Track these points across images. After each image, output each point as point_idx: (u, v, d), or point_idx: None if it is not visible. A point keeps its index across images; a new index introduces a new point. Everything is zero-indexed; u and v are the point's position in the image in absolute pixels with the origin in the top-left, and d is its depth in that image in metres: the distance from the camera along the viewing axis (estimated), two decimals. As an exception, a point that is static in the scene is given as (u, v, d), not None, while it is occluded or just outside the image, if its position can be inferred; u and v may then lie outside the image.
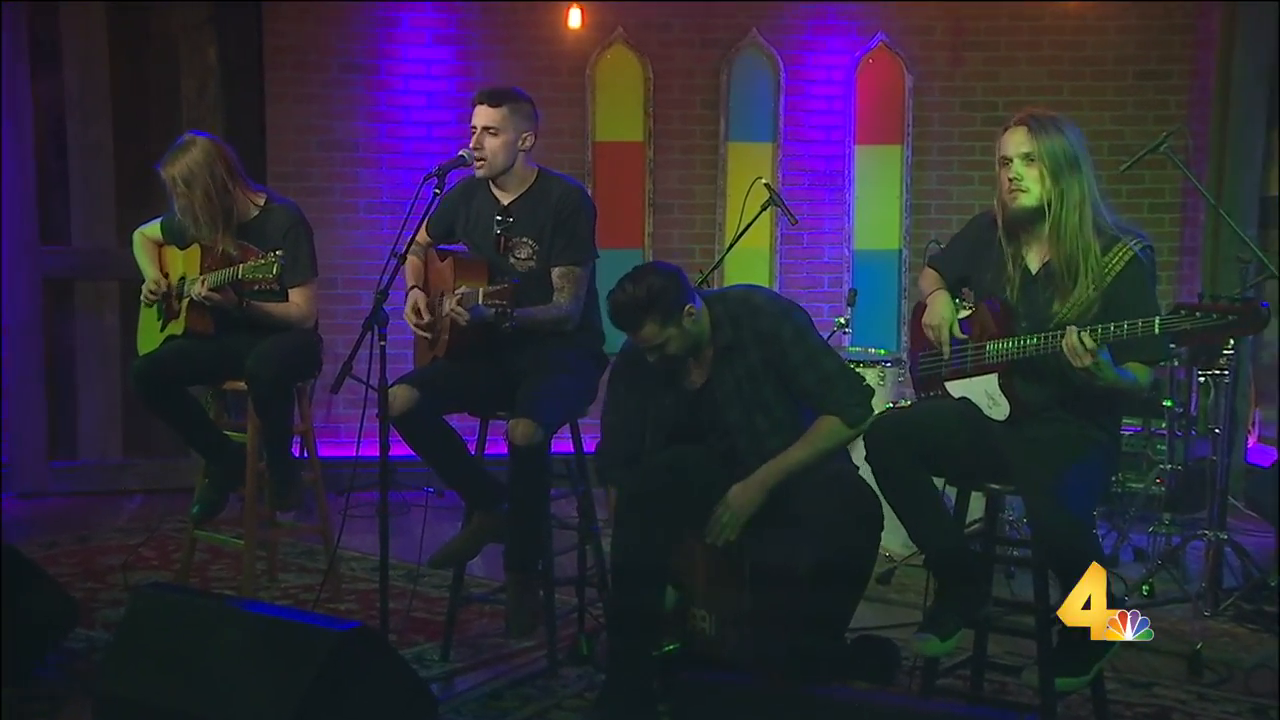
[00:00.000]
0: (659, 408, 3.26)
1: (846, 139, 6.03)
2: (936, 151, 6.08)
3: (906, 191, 6.04)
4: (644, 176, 5.98)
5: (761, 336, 3.12)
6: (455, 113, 5.81)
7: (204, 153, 3.86)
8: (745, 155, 5.99)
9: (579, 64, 5.92)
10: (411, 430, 3.44)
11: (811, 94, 6.03)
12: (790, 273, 6.08)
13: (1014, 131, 2.96)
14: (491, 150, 3.54)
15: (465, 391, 3.58)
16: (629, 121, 5.98)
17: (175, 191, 3.86)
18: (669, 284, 3.06)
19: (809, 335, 3.14)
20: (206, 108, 5.61)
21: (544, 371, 3.50)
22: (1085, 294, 2.91)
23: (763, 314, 3.14)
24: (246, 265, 3.72)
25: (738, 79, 5.98)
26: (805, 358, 3.11)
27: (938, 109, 6.06)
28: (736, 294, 3.22)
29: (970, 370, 3.10)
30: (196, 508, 4.08)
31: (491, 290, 3.27)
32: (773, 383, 3.13)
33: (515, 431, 3.32)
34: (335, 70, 5.80)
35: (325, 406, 5.65)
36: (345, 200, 5.84)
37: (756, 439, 3.16)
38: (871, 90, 6.01)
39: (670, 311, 3.06)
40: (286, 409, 3.92)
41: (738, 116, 5.99)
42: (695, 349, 3.16)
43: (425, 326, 3.61)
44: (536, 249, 3.59)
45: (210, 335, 3.95)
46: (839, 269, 6.10)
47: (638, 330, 3.07)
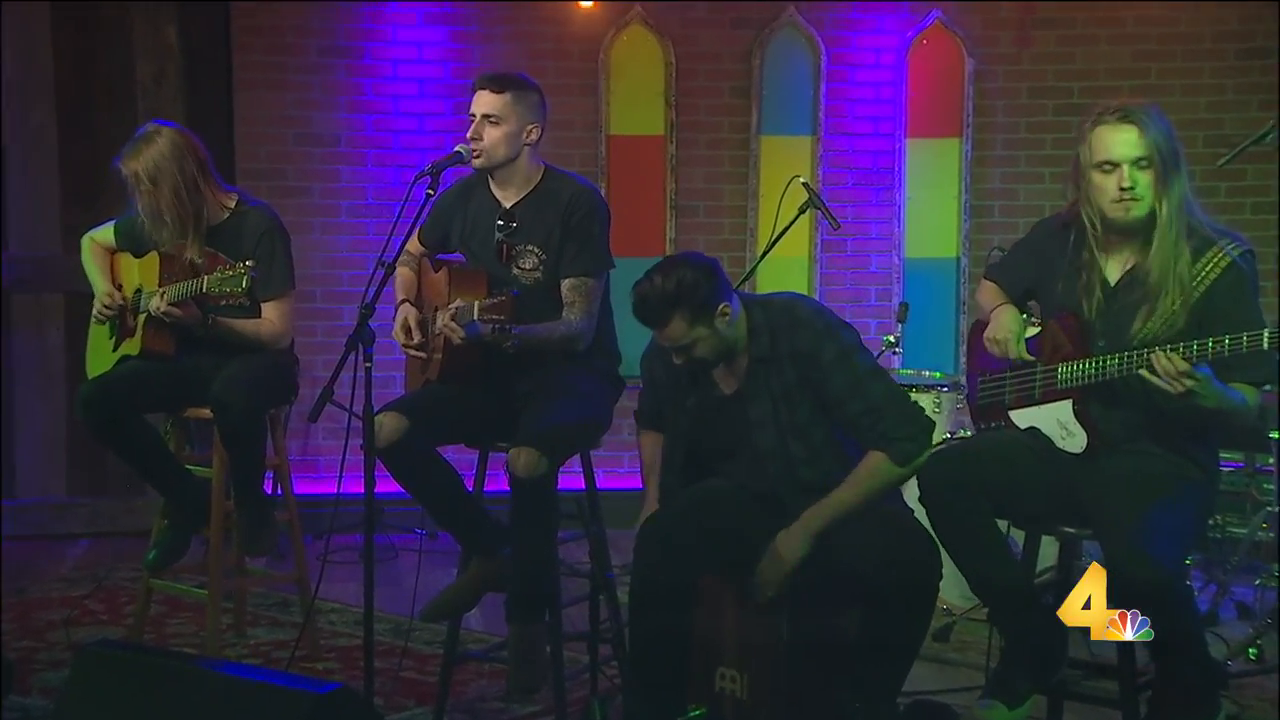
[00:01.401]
0: (680, 410, 3.29)
1: (897, 131, 6.04)
2: (1000, 145, 6.09)
3: (966, 191, 6.04)
4: (665, 175, 6.01)
5: (799, 355, 3.13)
6: (450, 102, 5.85)
7: (172, 145, 3.90)
8: (780, 150, 6.02)
9: (591, 47, 5.95)
10: (400, 463, 3.46)
11: (857, 80, 6.05)
12: (832, 284, 6.09)
13: (1119, 130, 2.94)
14: (491, 141, 3.57)
15: (462, 419, 3.60)
16: (648, 112, 6.01)
17: (138, 189, 3.89)
18: (702, 278, 3.09)
19: (855, 358, 3.14)
20: (165, 96, 5.64)
21: (550, 396, 3.52)
22: (1172, 306, 2.92)
23: (804, 329, 3.15)
24: (212, 276, 3.74)
25: (772, 64, 6.01)
26: (849, 384, 3.11)
27: (1002, 96, 6.08)
28: (780, 302, 3.23)
29: (1039, 397, 3.10)
30: (153, 553, 4.10)
31: (488, 304, 3.30)
32: (810, 405, 3.14)
33: (516, 462, 3.33)
34: (313, 54, 5.85)
35: (302, 437, 5.68)
36: (325, 202, 5.88)
37: (789, 467, 3.17)
38: (926, 75, 6.03)
39: (701, 309, 3.08)
40: (258, 440, 3.94)
41: (772, 106, 6.02)
42: (728, 355, 3.18)
43: (417, 346, 3.63)
44: (544, 258, 3.61)
45: (170, 356, 3.97)
46: (888, 280, 6.11)
47: (663, 326, 3.10)
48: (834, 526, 3.07)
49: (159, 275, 3.93)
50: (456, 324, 3.37)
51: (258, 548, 4.05)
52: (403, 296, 3.74)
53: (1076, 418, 3.02)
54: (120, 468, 4.85)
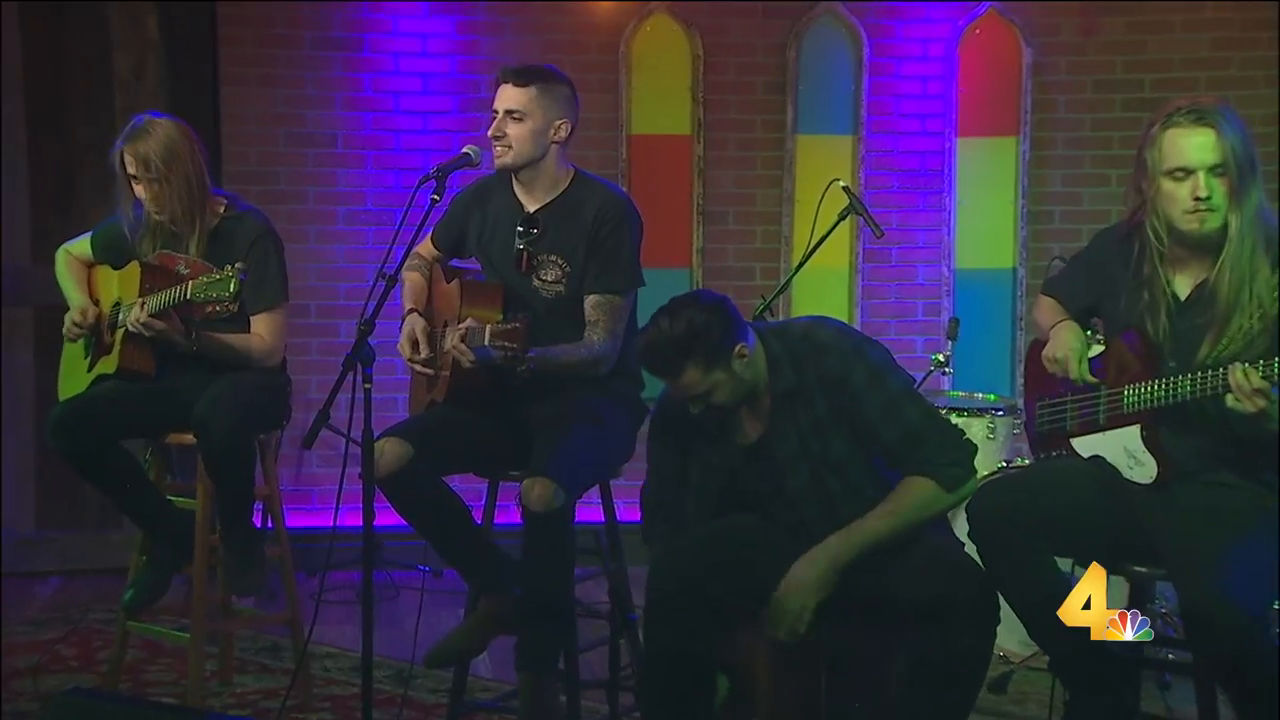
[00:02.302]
0: (703, 470, 3.27)
1: (946, 130, 6.04)
2: (1062, 144, 6.08)
3: (1023, 196, 6.04)
4: (692, 178, 6.02)
5: (828, 381, 3.13)
6: (457, 99, 5.88)
7: (181, 132, 3.95)
8: (818, 151, 6.02)
9: (611, 39, 5.97)
10: (403, 494, 3.47)
11: (902, 74, 6.06)
12: (875, 298, 6.09)
13: (1194, 133, 2.93)
14: (515, 139, 3.59)
15: (470, 446, 3.61)
16: (673, 110, 6.02)
17: (145, 179, 3.92)
18: (714, 318, 3.07)
19: (888, 378, 3.14)
20: (146, 91, 5.64)
21: (568, 422, 3.53)
22: (1248, 323, 2.91)
23: (829, 353, 3.14)
24: (197, 281, 3.74)
25: (809, 56, 6.01)
26: (884, 407, 3.10)
27: (1064, 90, 6.07)
28: (798, 328, 3.23)
29: (1104, 422, 3.09)
30: (130, 592, 4.11)
31: (499, 329, 3.30)
32: (845, 436, 3.14)
33: (530, 494, 3.35)
34: (308, 46, 5.88)
35: (295, 465, 5.69)
36: (321, 208, 5.91)
37: (828, 507, 3.15)
38: (979, 68, 6.03)
39: (716, 353, 3.07)
40: (246, 468, 3.95)
41: (809, 103, 6.02)
42: (749, 397, 3.17)
43: (424, 362, 3.65)
44: (567, 270, 3.62)
45: (150, 375, 3.99)
46: (936, 293, 6.10)
47: (677, 377, 3.09)
48: (865, 558, 3.04)
49: (140, 287, 3.94)
50: (467, 346, 3.38)
51: (245, 586, 4.06)
52: (411, 305, 3.76)
53: (1145, 445, 3.01)
54: (95, 499, 4.89)
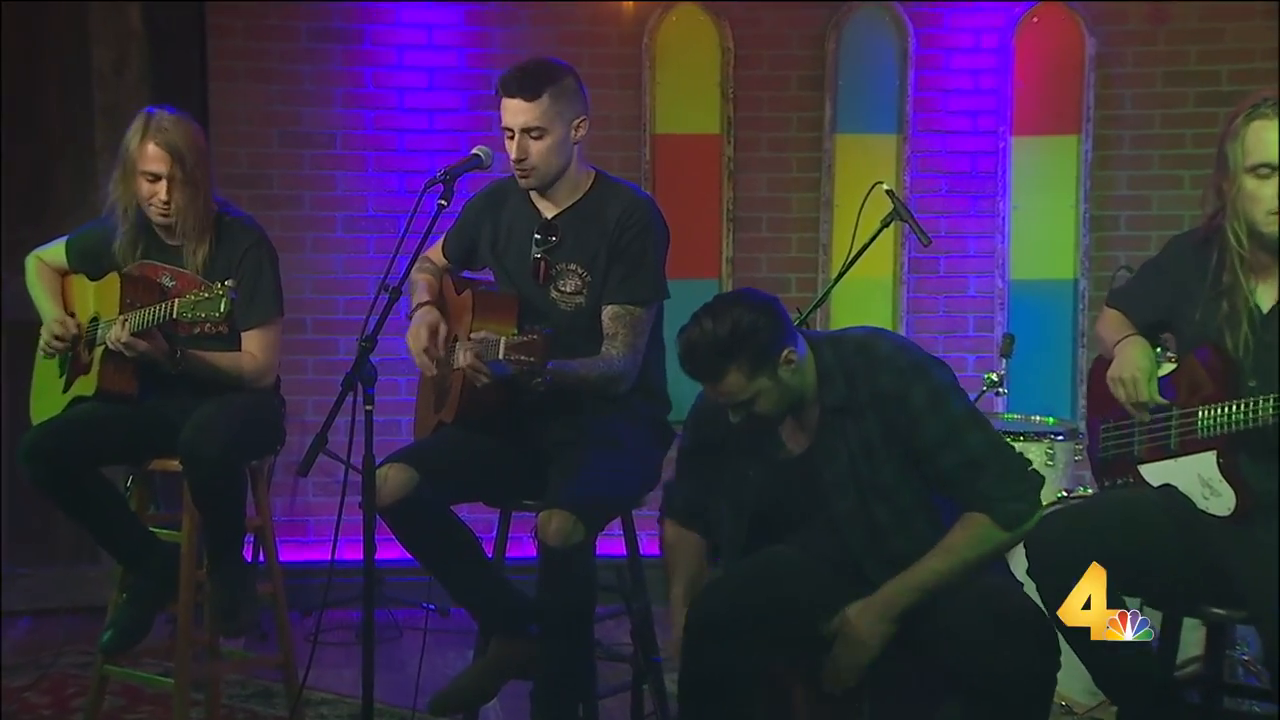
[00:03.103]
0: (739, 481, 3.27)
1: (1001, 128, 6.03)
2: (1128, 143, 6.06)
3: (1085, 200, 6.02)
4: (721, 181, 6.02)
5: (883, 399, 3.12)
6: (466, 95, 5.89)
7: (199, 129, 4.00)
8: (860, 152, 6.02)
9: (633, 30, 5.98)
10: (407, 525, 3.48)
11: (952, 67, 6.05)
12: (922, 312, 6.08)
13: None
14: (539, 157, 3.59)
15: (481, 473, 3.62)
16: (701, 107, 6.02)
17: (177, 176, 3.92)
18: (762, 320, 3.07)
19: (950, 401, 3.13)
20: (127, 87, 5.67)
21: (588, 448, 3.53)
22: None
23: (886, 368, 3.14)
24: (184, 299, 3.76)
25: (850, 48, 6.01)
26: (944, 432, 3.09)
27: (1131, 84, 6.05)
28: (855, 338, 3.23)
29: (1176, 447, 3.08)
30: (109, 633, 4.11)
31: (515, 341, 3.30)
32: (897, 461, 3.13)
33: (547, 528, 3.35)
34: (304, 38, 5.90)
35: (289, 494, 5.70)
36: (318, 214, 5.92)
37: (874, 537, 3.15)
38: (1036, 60, 6.02)
39: (763, 357, 3.07)
40: (236, 497, 3.96)
41: (849, 99, 6.02)
42: (795, 407, 3.17)
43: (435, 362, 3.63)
44: (588, 280, 3.63)
45: (132, 397, 4.00)
46: (989, 306, 6.08)
47: (717, 381, 3.09)
48: (923, 603, 3.05)
49: (120, 300, 3.95)
50: (481, 361, 3.38)
51: (235, 626, 4.06)
52: (425, 298, 3.75)
53: (1222, 473, 3.00)
54: (70, 530, 4.89)
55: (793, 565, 3.23)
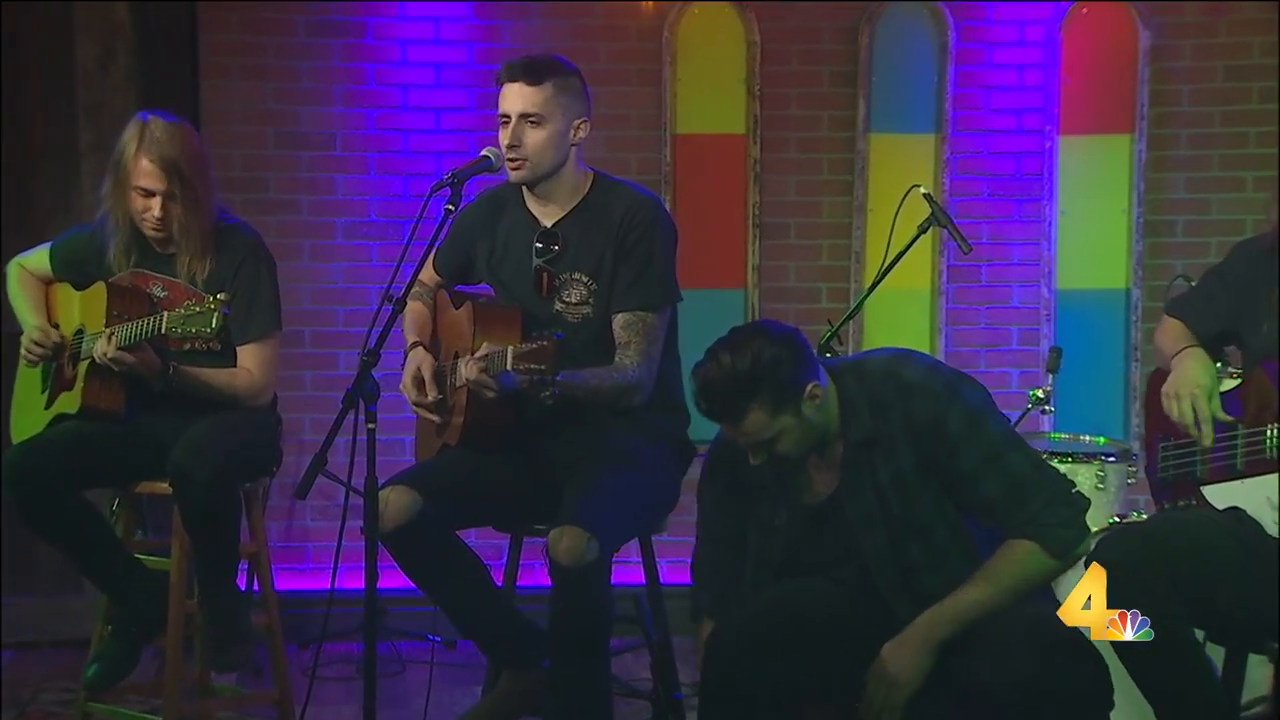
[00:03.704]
0: (763, 531, 3.26)
1: (1047, 127, 6.02)
2: (1186, 143, 6.04)
3: (1138, 204, 6.00)
4: (746, 185, 6.01)
5: (916, 427, 3.11)
6: (474, 93, 5.89)
7: (197, 138, 4.05)
8: (895, 152, 6.01)
9: (653, 23, 5.97)
10: (411, 551, 3.48)
11: (994, 61, 6.04)
12: (962, 324, 6.06)
13: None
14: (535, 147, 3.60)
15: (489, 495, 3.62)
16: (725, 106, 6.02)
17: (175, 193, 3.94)
18: (785, 353, 3.06)
19: (987, 422, 3.12)
20: (113, 85, 5.67)
21: (601, 464, 3.53)
22: None
23: (917, 393, 3.13)
24: (174, 313, 3.77)
25: (885, 42, 6.00)
26: (983, 457, 3.09)
27: (1189, 79, 6.02)
28: (878, 364, 3.22)
29: (1243, 468, 3.06)
30: (93, 668, 4.12)
31: (524, 350, 3.31)
32: (932, 493, 3.13)
33: (559, 545, 3.35)
34: (302, 32, 5.90)
35: (286, 518, 5.70)
36: (316, 220, 5.92)
37: (907, 577, 3.15)
38: (1086, 54, 6.00)
39: (786, 394, 3.06)
40: (229, 522, 3.96)
41: (884, 96, 6.01)
42: (820, 445, 3.17)
43: (432, 405, 3.65)
44: (594, 289, 3.63)
45: (119, 415, 4.02)
46: (1035, 318, 6.06)
47: (738, 421, 3.07)
48: (963, 634, 3.04)
49: (106, 312, 3.97)
50: (488, 376, 3.38)
51: (227, 660, 4.06)
52: (414, 339, 3.77)
53: (1293, 496, 2.99)
54: (52, 558, 4.89)
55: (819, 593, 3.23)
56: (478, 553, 3.60)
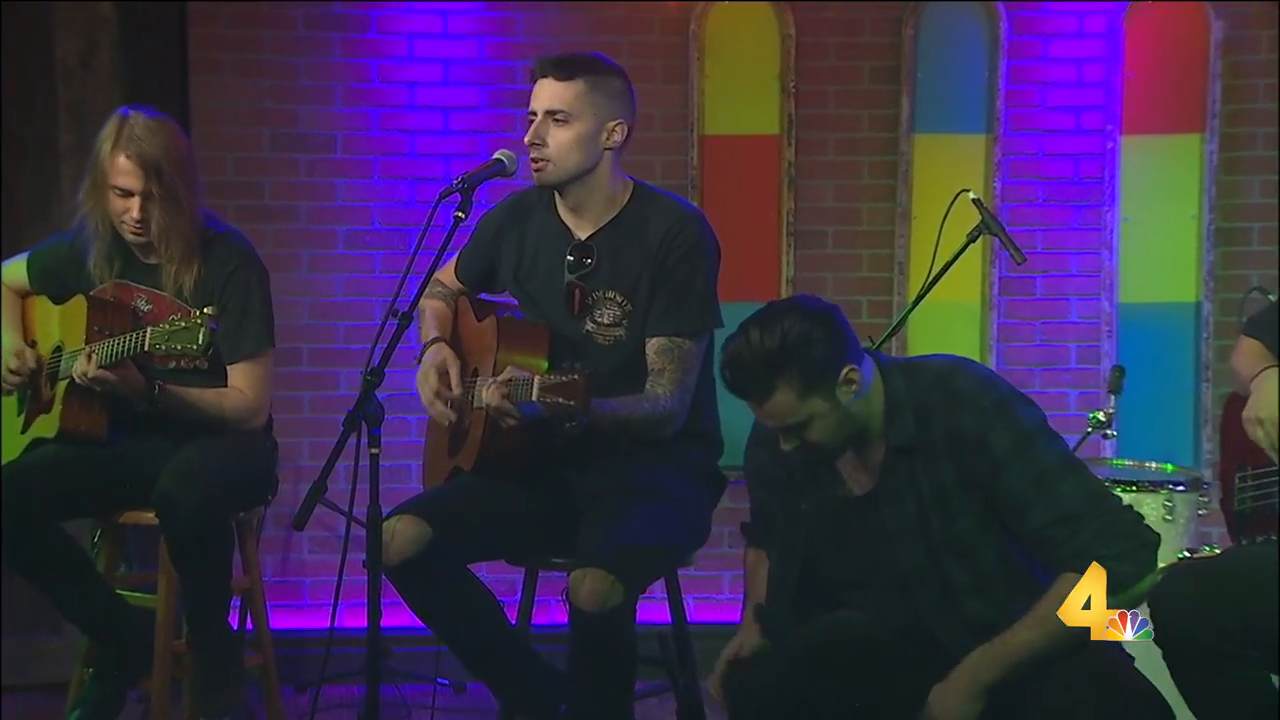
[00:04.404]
0: (792, 518, 3.27)
1: (1108, 126, 6.01)
2: (1262, 143, 6.01)
3: (1209, 209, 5.98)
4: (780, 190, 6.01)
5: (960, 441, 3.11)
6: (486, 91, 5.90)
7: (184, 137, 4.06)
8: (942, 154, 6.01)
9: (680, 15, 5.98)
10: (418, 586, 3.49)
11: (1050, 55, 6.03)
12: (1015, 340, 6.05)
13: None
14: (558, 147, 3.61)
15: (503, 526, 3.62)
16: (757, 104, 6.02)
17: (154, 193, 3.95)
18: (818, 331, 3.07)
19: (1039, 445, 3.11)
20: (95, 82, 5.67)
21: (626, 497, 3.54)
22: None
23: (966, 405, 3.13)
24: (158, 328, 3.77)
25: (930, 34, 6.00)
26: (1031, 481, 3.08)
27: (1265, 73, 5.99)
28: (933, 368, 3.22)
29: (1327, 499, 3.05)
30: (74, 715, 4.13)
31: (552, 382, 3.30)
32: (977, 513, 3.13)
33: (580, 589, 3.35)
34: (300, 25, 5.93)
35: (282, 551, 5.71)
36: (315, 228, 5.94)
37: (948, 598, 3.14)
38: (1152, 47, 5.99)
39: (817, 374, 3.06)
40: (220, 556, 3.97)
41: (930, 94, 6.01)
42: (858, 440, 3.17)
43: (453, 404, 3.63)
44: (629, 310, 3.64)
45: (100, 439, 4.03)
46: (1094, 334, 6.05)
47: (764, 399, 3.09)
48: (1013, 678, 3.03)
49: (86, 327, 3.98)
50: (510, 403, 3.38)
51: (218, 705, 4.06)
52: (435, 333, 3.76)
53: (1382, 530, 2.97)
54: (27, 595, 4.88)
55: (855, 634, 3.23)
56: (490, 588, 3.59)
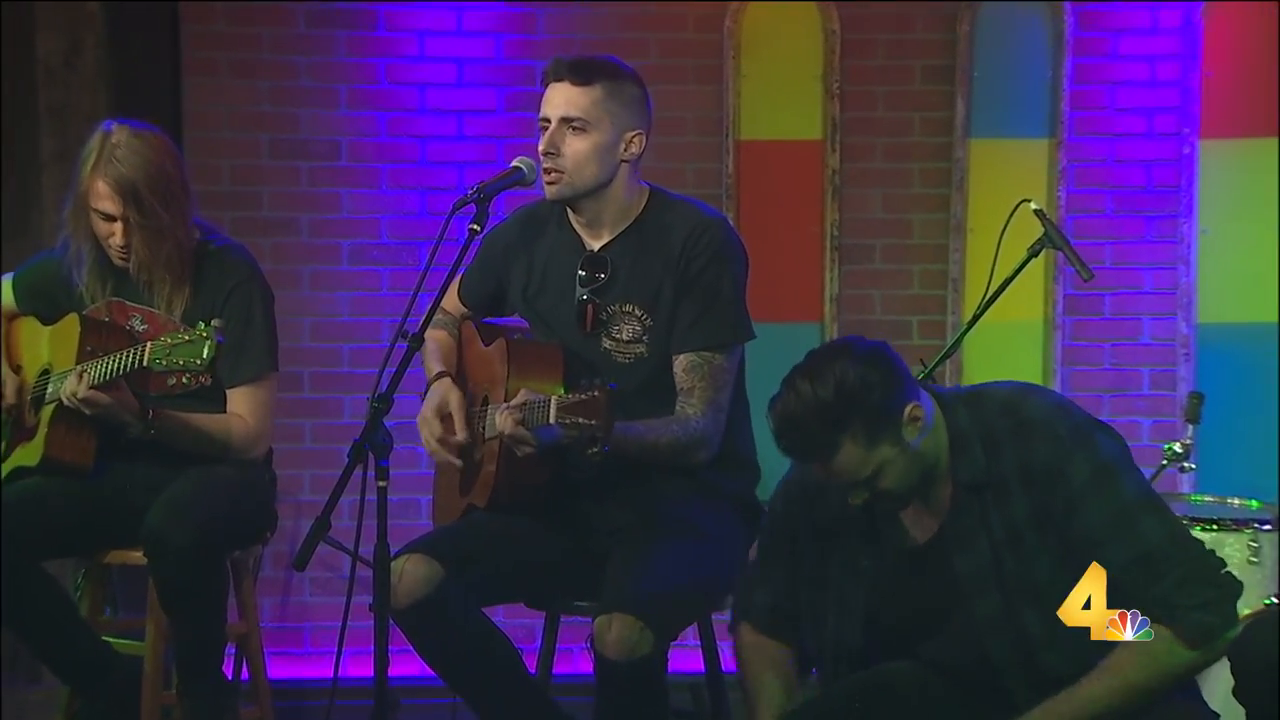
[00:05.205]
0: (849, 575, 3.26)
1: (1185, 130, 5.99)
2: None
3: (1296, 221, 5.98)
4: (823, 200, 6.01)
5: (1034, 475, 3.10)
6: (503, 93, 5.92)
7: (169, 151, 4.05)
8: (1001, 161, 6.01)
9: (713, 11, 5.99)
10: (429, 631, 3.49)
11: (1120, 53, 6.03)
12: (1081, 364, 6.04)
13: None
14: (574, 158, 3.62)
15: (520, 566, 3.63)
16: (798, 107, 6.03)
17: (134, 219, 3.96)
18: (874, 373, 3.05)
19: (1120, 478, 3.11)
20: (80, 84, 5.67)
21: (655, 534, 3.54)
22: None
23: (1039, 435, 3.12)
24: (160, 342, 3.78)
25: (988, 30, 6.00)
26: (1110, 519, 3.07)
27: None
28: (997, 396, 3.21)
29: None
30: (56, 770, 4.16)
31: (570, 401, 3.30)
32: (1052, 554, 3.11)
33: (606, 637, 3.35)
34: (301, 22, 5.95)
35: (281, 593, 5.72)
36: (317, 242, 5.96)
37: (1022, 650, 3.13)
38: (1233, 42, 5.98)
39: (882, 419, 3.05)
40: (214, 598, 3.97)
41: (988, 95, 6.01)
42: (926, 480, 3.16)
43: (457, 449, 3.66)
44: (649, 324, 3.65)
45: (87, 469, 4.04)
46: (1170, 358, 6.04)
47: (829, 459, 3.07)
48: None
49: (79, 347, 3.98)
50: (525, 429, 3.40)
51: (211, 761, 4.08)
52: (439, 368, 3.78)
53: None
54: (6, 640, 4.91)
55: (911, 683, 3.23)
56: (507, 634, 3.61)
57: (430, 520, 3.99)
